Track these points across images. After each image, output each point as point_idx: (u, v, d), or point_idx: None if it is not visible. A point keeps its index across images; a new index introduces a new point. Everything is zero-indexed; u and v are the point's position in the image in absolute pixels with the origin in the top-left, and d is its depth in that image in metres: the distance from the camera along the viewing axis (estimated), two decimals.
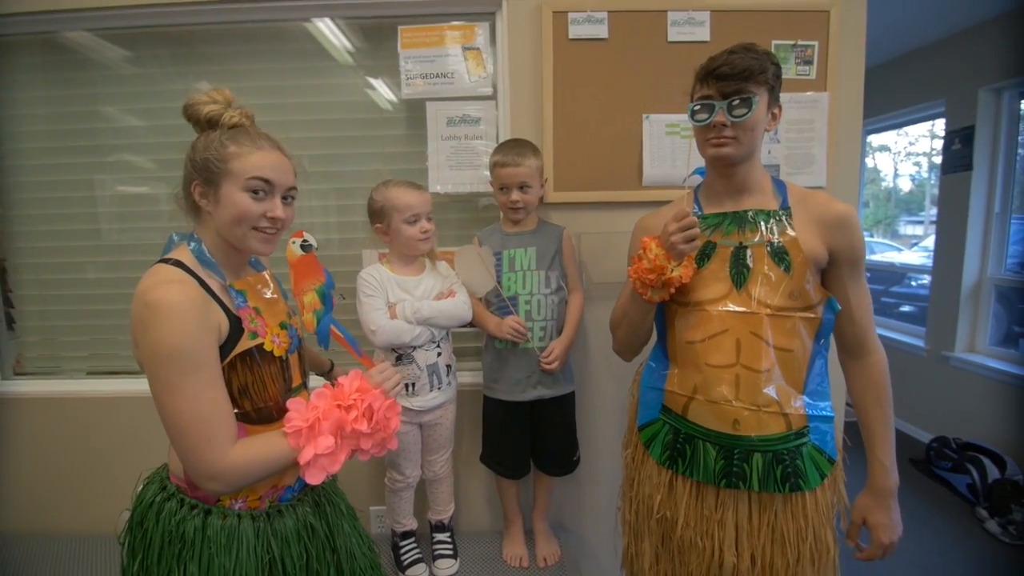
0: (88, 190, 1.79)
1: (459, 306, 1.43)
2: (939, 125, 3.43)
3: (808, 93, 1.68)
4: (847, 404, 1.20)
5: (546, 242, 1.51)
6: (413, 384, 1.43)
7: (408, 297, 1.41)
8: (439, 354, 1.44)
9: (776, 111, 1.04)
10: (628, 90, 1.63)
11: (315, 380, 1.60)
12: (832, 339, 1.07)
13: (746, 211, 1.05)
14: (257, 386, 0.91)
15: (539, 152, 1.49)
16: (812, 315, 1.00)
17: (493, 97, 1.67)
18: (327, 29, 1.71)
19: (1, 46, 1.72)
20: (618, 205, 1.66)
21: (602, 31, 1.61)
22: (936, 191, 3.47)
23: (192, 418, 0.80)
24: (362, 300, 1.40)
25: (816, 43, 1.67)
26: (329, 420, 0.87)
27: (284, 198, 0.95)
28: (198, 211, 0.93)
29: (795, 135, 1.68)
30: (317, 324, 1.02)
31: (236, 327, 0.89)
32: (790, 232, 1.01)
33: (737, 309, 1.01)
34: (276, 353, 0.95)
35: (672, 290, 1.03)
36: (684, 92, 1.11)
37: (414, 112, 1.71)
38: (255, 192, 0.89)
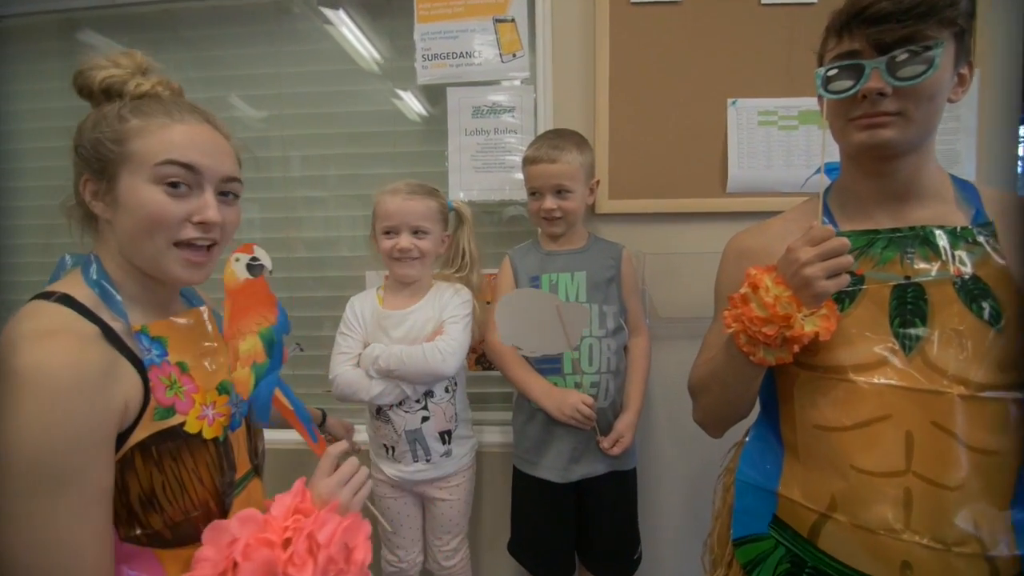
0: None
1: (428, 356, 1.11)
2: None
3: None
4: None
5: (600, 265, 1.22)
6: (392, 447, 1.19)
7: (385, 339, 1.16)
8: (425, 418, 1.17)
9: (965, 71, 0.72)
10: (708, 68, 1.34)
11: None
12: None
13: (916, 228, 0.72)
14: (172, 490, 0.65)
15: (586, 146, 1.22)
16: None
17: (531, 81, 1.42)
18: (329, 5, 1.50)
19: None
20: (693, 217, 1.38)
21: None
22: None
23: (28, 566, 0.54)
24: (337, 340, 1.19)
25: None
26: (252, 564, 0.59)
27: (224, 194, 0.71)
28: (94, 221, 0.69)
29: None
30: (255, 386, 0.73)
31: (147, 396, 0.64)
32: (997, 260, 0.68)
33: (906, 385, 0.68)
34: (207, 435, 0.69)
35: (797, 349, 0.71)
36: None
37: (433, 102, 1.49)
38: (173, 185, 0.65)
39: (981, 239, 0.70)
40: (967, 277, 0.68)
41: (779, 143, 1.33)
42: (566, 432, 1.16)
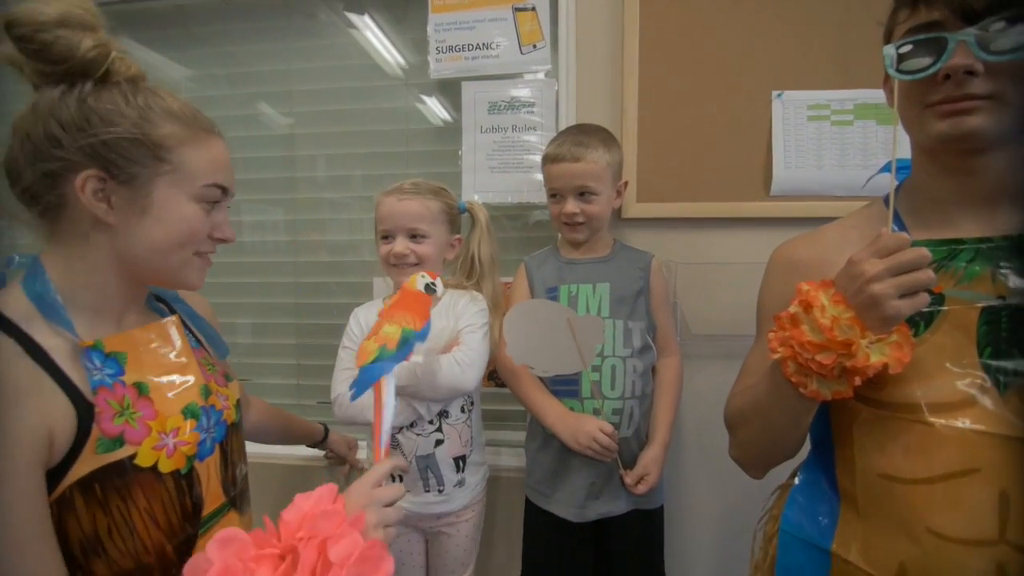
0: None
1: (446, 369, 1.02)
2: None
3: None
4: None
5: (626, 275, 1.12)
6: (400, 476, 1.08)
7: None
8: (439, 442, 1.07)
9: None
10: (750, 57, 1.23)
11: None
12: None
13: (1012, 237, 0.61)
14: (120, 533, 0.59)
15: (614, 143, 1.12)
16: None
17: (553, 74, 1.33)
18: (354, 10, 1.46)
19: None
20: (732, 223, 1.25)
21: None
22: None
23: None
24: (339, 354, 1.09)
25: None
26: None
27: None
28: (55, 220, 0.61)
29: None
30: (373, 360, 0.76)
31: (89, 425, 0.57)
32: None
33: (1000, 432, 0.56)
34: (164, 468, 0.62)
35: (859, 382, 0.59)
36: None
37: (447, 97, 1.42)
38: (208, 202, 0.66)
39: None
40: None
41: (831, 140, 1.20)
42: (584, 464, 1.05)
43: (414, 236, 1.06)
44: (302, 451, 1.32)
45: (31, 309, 0.57)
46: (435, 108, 1.45)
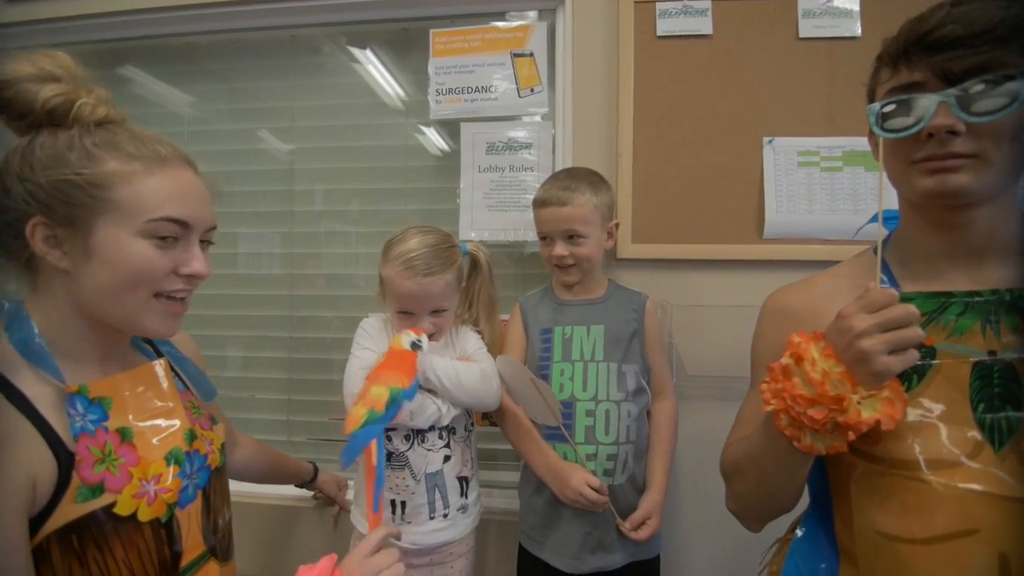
0: None
1: (483, 376, 1.03)
2: None
3: None
4: None
5: (620, 317, 1.11)
6: (403, 503, 1.03)
7: None
8: (447, 458, 1.03)
9: None
10: (742, 105, 1.26)
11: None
12: None
13: (1001, 292, 0.61)
14: None
15: (602, 185, 1.12)
16: None
17: (550, 117, 1.36)
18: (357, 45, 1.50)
19: None
20: (726, 265, 1.26)
21: (705, 25, 1.26)
22: None
23: None
24: (353, 353, 1.04)
25: None
26: None
27: (203, 242, 0.68)
28: (30, 269, 0.61)
29: None
30: (362, 425, 0.79)
31: (69, 474, 0.56)
32: None
33: (996, 491, 0.55)
34: (143, 516, 0.60)
35: (853, 437, 0.58)
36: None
37: (447, 135, 1.45)
38: (162, 238, 0.61)
39: None
40: None
41: (822, 186, 1.22)
42: (578, 512, 1.02)
43: (436, 311, 1.04)
44: (289, 491, 1.29)
45: (14, 356, 0.56)
46: (435, 146, 1.48)
